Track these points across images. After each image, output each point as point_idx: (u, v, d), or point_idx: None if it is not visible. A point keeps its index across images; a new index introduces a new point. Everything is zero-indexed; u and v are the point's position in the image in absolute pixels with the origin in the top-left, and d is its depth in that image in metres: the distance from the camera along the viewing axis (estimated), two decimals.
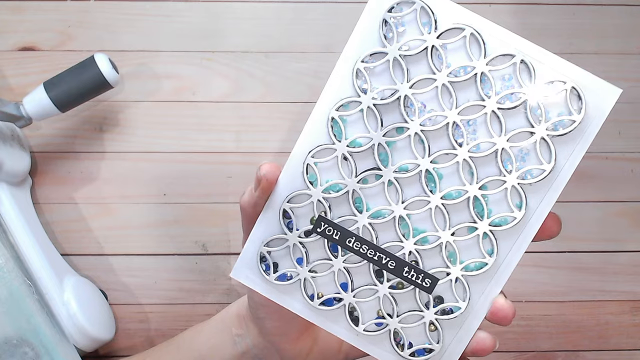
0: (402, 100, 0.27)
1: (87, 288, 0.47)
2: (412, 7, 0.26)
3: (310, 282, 0.29)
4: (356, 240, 0.28)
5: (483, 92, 0.26)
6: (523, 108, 0.26)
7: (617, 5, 0.57)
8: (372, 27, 0.27)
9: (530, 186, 0.27)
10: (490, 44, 0.26)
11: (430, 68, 0.26)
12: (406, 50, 0.26)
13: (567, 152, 0.27)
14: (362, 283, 0.29)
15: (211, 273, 0.51)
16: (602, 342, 0.52)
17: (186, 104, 0.54)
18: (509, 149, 0.26)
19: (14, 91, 0.53)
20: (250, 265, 0.29)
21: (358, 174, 0.28)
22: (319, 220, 0.28)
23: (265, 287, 0.29)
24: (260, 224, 0.29)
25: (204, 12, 0.55)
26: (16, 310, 0.41)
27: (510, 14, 0.56)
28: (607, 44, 0.56)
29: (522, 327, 0.52)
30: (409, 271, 0.28)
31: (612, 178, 0.54)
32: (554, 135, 0.26)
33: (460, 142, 0.27)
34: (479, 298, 0.28)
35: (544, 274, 0.53)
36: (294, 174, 0.28)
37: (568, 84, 0.26)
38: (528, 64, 0.26)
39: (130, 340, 0.51)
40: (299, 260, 0.29)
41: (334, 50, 0.55)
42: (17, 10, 0.54)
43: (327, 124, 0.27)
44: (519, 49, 0.26)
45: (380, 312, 0.29)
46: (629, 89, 0.56)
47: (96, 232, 0.51)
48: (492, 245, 0.27)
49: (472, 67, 0.26)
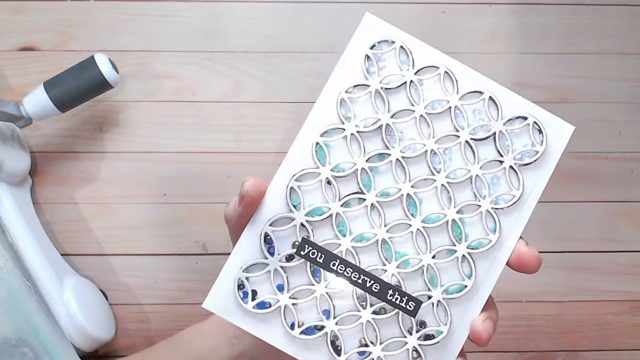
0: (384, 129, 0.28)
1: (87, 288, 0.47)
2: (392, 46, 0.29)
3: (291, 309, 0.28)
4: (340, 263, 0.28)
5: (457, 123, 0.29)
6: (493, 139, 0.29)
7: (617, 5, 0.57)
8: (356, 61, 0.29)
9: (502, 210, 0.29)
10: (462, 82, 0.29)
11: (409, 100, 0.29)
12: (387, 83, 0.29)
13: (533, 179, 0.29)
14: (345, 309, 0.28)
15: (211, 273, 0.51)
16: (602, 342, 0.52)
17: (186, 104, 0.54)
18: (482, 175, 0.29)
19: (14, 91, 0.53)
20: (226, 294, 0.28)
21: (341, 198, 0.28)
22: (303, 243, 0.28)
23: (241, 316, 0.28)
24: (239, 249, 0.28)
25: (204, 12, 0.55)
26: (16, 310, 0.41)
27: (510, 14, 0.56)
28: (607, 44, 0.56)
29: (522, 327, 0.52)
30: (393, 294, 0.28)
31: (612, 178, 0.54)
32: (521, 164, 0.29)
33: (438, 169, 0.29)
34: (460, 321, 0.29)
35: (544, 274, 0.53)
36: (277, 197, 0.28)
37: (530, 119, 0.29)
38: (495, 100, 0.29)
39: (130, 340, 0.51)
40: (279, 286, 0.28)
41: (334, 50, 0.55)
42: (17, 10, 0.54)
43: (311, 149, 0.28)
44: (486, 88, 0.29)
45: (363, 339, 0.28)
46: (629, 89, 0.56)
47: (96, 232, 0.51)
48: (471, 268, 0.29)
49: (447, 101, 0.29)
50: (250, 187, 0.27)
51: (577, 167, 0.54)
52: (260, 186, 0.27)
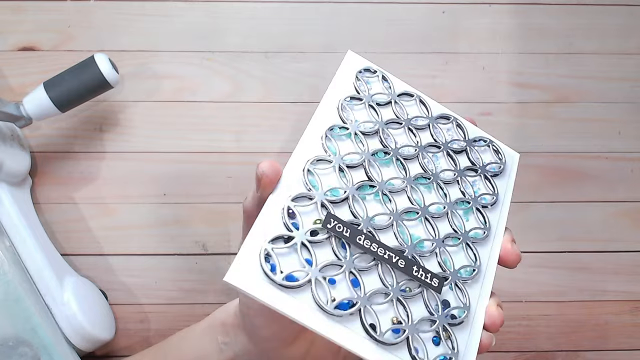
0: (381, 132, 0.32)
1: (87, 288, 0.47)
2: (374, 74, 0.34)
3: (323, 283, 0.26)
4: (366, 239, 0.27)
5: (437, 137, 0.34)
6: (465, 153, 0.34)
7: (617, 5, 0.57)
8: (348, 80, 0.33)
9: (487, 208, 0.33)
10: (433, 107, 0.35)
11: (396, 115, 0.33)
12: (375, 100, 0.33)
13: (503, 186, 0.34)
14: (373, 287, 0.27)
15: (211, 273, 0.51)
16: (602, 342, 0.52)
17: (186, 104, 0.54)
18: (465, 178, 0.33)
19: (14, 91, 0.53)
20: (250, 267, 0.25)
21: (355, 183, 0.29)
22: (328, 217, 0.27)
23: (268, 291, 0.25)
24: (260, 222, 0.26)
25: (204, 12, 0.55)
26: (15, 310, 0.41)
27: (511, 14, 0.56)
28: (607, 44, 0.56)
29: (522, 327, 0.52)
30: (418, 270, 0.28)
31: (612, 178, 0.54)
32: (491, 174, 0.34)
33: (430, 169, 0.32)
34: (476, 303, 0.30)
35: (544, 274, 0.53)
36: (295, 178, 0.28)
37: (489, 142, 0.35)
38: (461, 124, 0.35)
39: (130, 340, 0.51)
40: (307, 260, 0.26)
41: (334, 50, 0.55)
42: (17, 10, 0.54)
43: (321, 139, 0.30)
44: (452, 115, 0.35)
45: (395, 318, 0.27)
46: (629, 89, 0.56)
47: (96, 232, 0.51)
48: (475, 254, 0.31)
49: (426, 117, 0.34)
50: (266, 168, 0.27)
51: (577, 167, 0.54)
52: (275, 166, 0.27)
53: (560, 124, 0.55)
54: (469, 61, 0.56)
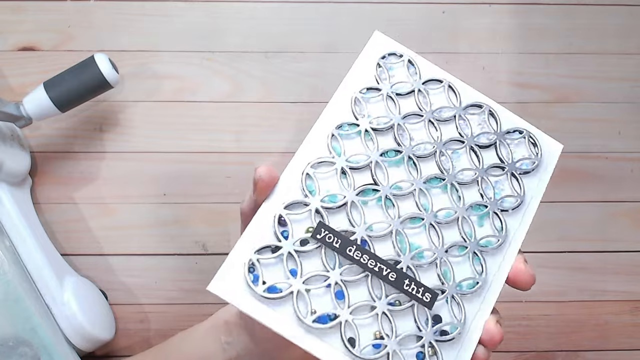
0: (396, 128, 0.30)
1: (87, 288, 0.47)
2: (400, 59, 0.31)
3: (304, 295, 0.26)
4: (357, 250, 0.27)
5: (462, 130, 0.31)
6: (494, 147, 0.31)
7: (617, 5, 0.57)
8: (368, 68, 0.31)
9: (507, 212, 0.30)
10: (464, 95, 0.31)
11: (418, 106, 0.31)
12: (397, 89, 0.31)
13: (532, 187, 0.31)
14: (359, 299, 0.27)
15: (211, 273, 0.51)
16: (602, 342, 0.52)
17: (186, 104, 0.54)
18: (487, 178, 0.30)
19: (14, 91, 0.53)
20: (234, 277, 0.26)
21: (356, 188, 0.28)
22: (319, 226, 0.27)
23: (249, 301, 0.26)
24: (250, 231, 0.27)
25: (203, 12, 0.55)
26: (15, 310, 0.41)
27: (511, 14, 0.56)
28: (607, 44, 0.56)
29: (522, 327, 0.52)
30: (409, 284, 0.27)
31: (612, 178, 0.54)
32: (521, 172, 0.31)
33: (447, 169, 0.30)
34: (473, 318, 0.28)
35: (544, 274, 0.53)
36: (292, 183, 0.28)
37: (525, 133, 0.32)
38: (494, 113, 0.31)
39: (130, 341, 0.51)
40: (292, 271, 0.26)
41: (334, 50, 0.55)
42: (17, 10, 0.54)
43: (327, 139, 0.29)
44: (485, 102, 0.32)
45: (378, 333, 0.27)
46: (629, 89, 0.56)
47: (96, 232, 0.51)
48: (482, 265, 0.29)
49: (452, 108, 0.31)
50: (262, 173, 0.27)
51: (577, 167, 0.54)
52: (272, 172, 0.27)
53: (560, 124, 0.55)
54: (469, 61, 0.56)
